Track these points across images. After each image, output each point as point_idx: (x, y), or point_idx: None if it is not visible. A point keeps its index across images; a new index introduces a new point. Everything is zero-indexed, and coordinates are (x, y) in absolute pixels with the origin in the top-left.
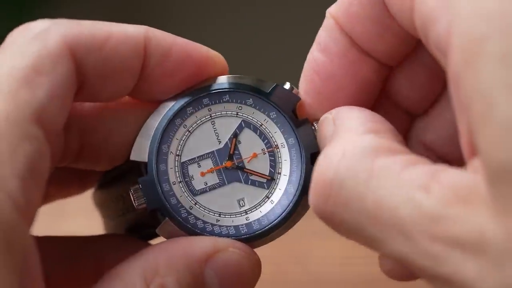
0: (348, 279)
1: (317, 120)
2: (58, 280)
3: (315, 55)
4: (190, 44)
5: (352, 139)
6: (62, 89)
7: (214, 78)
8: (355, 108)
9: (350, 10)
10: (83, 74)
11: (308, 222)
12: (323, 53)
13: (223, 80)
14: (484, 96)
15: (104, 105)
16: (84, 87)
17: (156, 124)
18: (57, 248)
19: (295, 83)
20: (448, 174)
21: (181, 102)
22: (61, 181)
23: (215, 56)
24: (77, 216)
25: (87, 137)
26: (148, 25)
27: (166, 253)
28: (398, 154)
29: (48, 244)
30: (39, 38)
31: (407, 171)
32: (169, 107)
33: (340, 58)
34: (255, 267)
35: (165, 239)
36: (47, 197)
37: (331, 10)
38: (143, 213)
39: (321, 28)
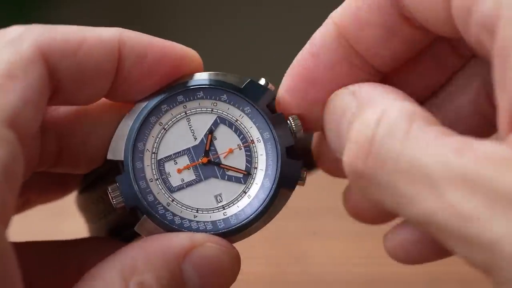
0: (348, 279)
1: (292, 114)
2: (40, 285)
3: (305, 57)
4: (165, 43)
5: (390, 103)
6: (35, 93)
7: (189, 75)
8: (377, 83)
9: (358, 15)
10: (57, 78)
11: (308, 222)
12: (314, 58)
13: (197, 77)
14: None
15: (80, 108)
16: (59, 92)
17: (131, 123)
18: (37, 254)
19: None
20: (483, 143)
21: (156, 100)
22: (41, 186)
23: (191, 53)
24: (76, 216)
25: (64, 140)
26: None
27: (143, 250)
28: (433, 123)
29: (28, 249)
30: (12, 44)
31: (442, 138)
32: (144, 106)
33: (329, 68)
34: (234, 261)
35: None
36: (27, 203)
37: (335, 16)
38: (123, 213)
39: (318, 30)
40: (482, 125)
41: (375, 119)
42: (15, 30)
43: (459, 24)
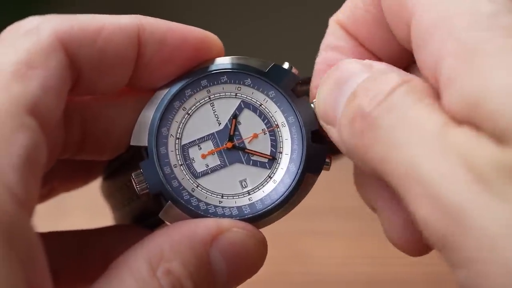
0: (349, 279)
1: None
2: (66, 275)
3: (325, 55)
4: (185, 28)
5: (411, 76)
6: (55, 81)
7: (211, 60)
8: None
9: (356, 14)
10: (78, 66)
11: (308, 222)
12: (334, 51)
13: (220, 61)
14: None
15: (103, 95)
16: (81, 80)
17: (154, 109)
18: (63, 243)
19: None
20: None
21: (179, 85)
22: (64, 174)
23: (211, 37)
24: (76, 213)
25: (88, 127)
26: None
27: (170, 237)
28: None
29: (54, 239)
30: (31, 33)
31: (438, 111)
32: (167, 91)
33: (352, 53)
34: (261, 246)
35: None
36: (52, 191)
37: (334, 18)
38: (147, 200)
39: (326, 35)
40: None
41: (398, 80)
42: (32, 21)
43: (414, 52)
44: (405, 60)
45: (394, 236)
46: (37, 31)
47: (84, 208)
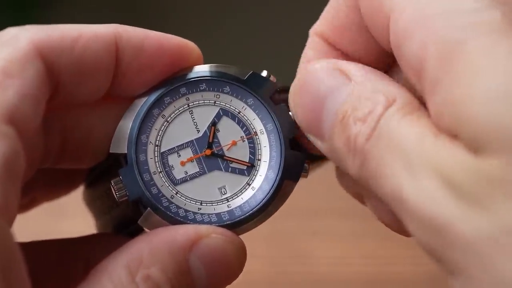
0: (348, 279)
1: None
2: (48, 284)
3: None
4: (163, 35)
5: (395, 90)
6: (32, 90)
7: (190, 68)
8: (364, 66)
9: (335, 22)
10: (56, 75)
11: (308, 222)
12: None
13: (199, 69)
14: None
15: (83, 105)
16: (59, 89)
17: (134, 116)
18: (44, 253)
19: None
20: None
21: (158, 92)
22: (46, 183)
23: (189, 45)
24: (76, 216)
25: (68, 136)
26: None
27: (149, 243)
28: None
29: (33, 249)
30: (8, 43)
31: (427, 128)
32: (146, 99)
33: None
34: (240, 252)
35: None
36: (33, 201)
37: (314, 30)
38: (127, 207)
39: (306, 48)
40: None
41: (385, 102)
42: (10, 31)
43: (395, 54)
44: (388, 62)
45: (386, 221)
46: (14, 40)
47: (84, 210)
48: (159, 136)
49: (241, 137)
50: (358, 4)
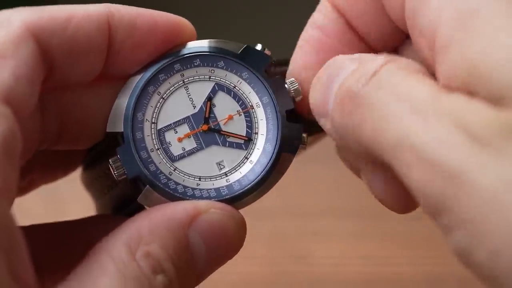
0: (348, 279)
1: (289, 79)
2: (49, 266)
3: (310, 32)
4: (155, 12)
5: (398, 57)
6: (27, 70)
7: (183, 44)
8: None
9: None
10: (50, 55)
11: (308, 222)
12: (320, 31)
13: (193, 45)
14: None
15: (78, 85)
16: (54, 70)
17: (129, 94)
18: (45, 235)
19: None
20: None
21: (153, 69)
22: (44, 165)
23: (182, 21)
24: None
25: (64, 116)
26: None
27: (148, 220)
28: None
29: (36, 232)
30: (1, 25)
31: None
32: (141, 76)
33: (337, 36)
34: (240, 226)
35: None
36: (32, 183)
37: None
38: (125, 185)
39: (315, 11)
40: None
41: (384, 60)
42: (2, 14)
43: (408, 25)
44: (395, 40)
45: (380, 195)
46: (7, 22)
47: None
48: (155, 113)
49: (237, 111)
50: None
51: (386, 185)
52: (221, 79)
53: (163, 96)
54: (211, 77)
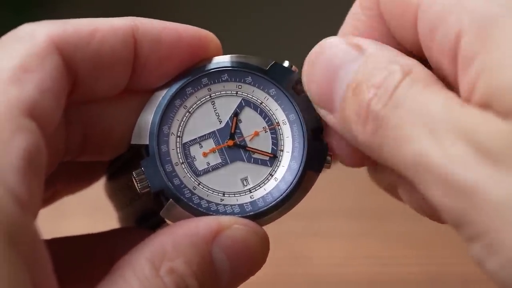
0: (348, 279)
1: None
2: (72, 280)
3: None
4: (181, 26)
5: (412, 62)
6: (51, 84)
7: (210, 59)
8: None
9: (355, 34)
10: (74, 69)
11: (309, 223)
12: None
13: (220, 60)
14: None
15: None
16: (78, 84)
17: (156, 107)
18: (67, 249)
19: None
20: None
21: (180, 83)
22: (68, 176)
23: (208, 35)
24: (78, 215)
25: (89, 129)
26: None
27: (171, 236)
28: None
29: (58, 245)
30: (25, 39)
31: (450, 96)
32: (168, 89)
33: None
34: (263, 242)
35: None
36: (55, 194)
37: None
38: (148, 198)
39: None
40: None
41: (402, 73)
42: (27, 27)
43: (423, 46)
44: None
45: (420, 207)
46: (32, 36)
47: (85, 209)
48: (181, 127)
49: (263, 127)
50: (376, 12)
51: (423, 199)
52: (248, 95)
53: (189, 110)
54: (238, 93)
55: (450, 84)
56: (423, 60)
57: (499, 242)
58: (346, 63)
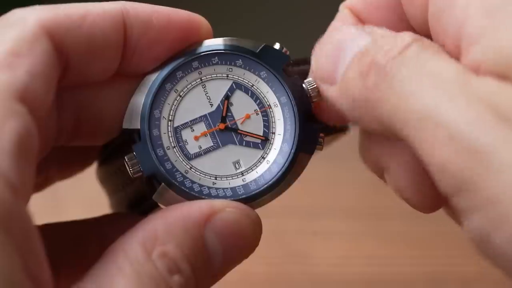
0: (348, 279)
1: (307, 79)
2: (64, 266)
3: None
4: (171, 10)
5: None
6: (42, 68)
7: (200, 42)
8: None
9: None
10: (65, 53)
11: (308, 222)
12: None
13: (210, 43)
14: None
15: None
16: (70, 68)
17: (146, 91)
18: (59, 235)
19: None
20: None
21: (170, 66)
22: (60, 161)
23: (198, 19)
24: (75, 210)
25: (81, 113)
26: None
27: (164, 220)
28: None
29: (50, 231)
30: (16, 24)
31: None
32: (158, 73)
33: None
34: (255, 225)
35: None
36: (47, 180)
37: (346, 4)
38: (141, 183)
39: (335, 19)
40: None
41: (412, 37)
42: (17, 12)
43: (431, 25)
44: None
45: (405, 193)
46: (22, 21)
47: (83, 206)
48: (172, 110)
49: (254, 110)
50: None
51: (410, 184)
52: (239, 78)
53: (180, 94)
54: (229, 76)
55: None
56: None
57: (509, 211)
58: (356, 38)
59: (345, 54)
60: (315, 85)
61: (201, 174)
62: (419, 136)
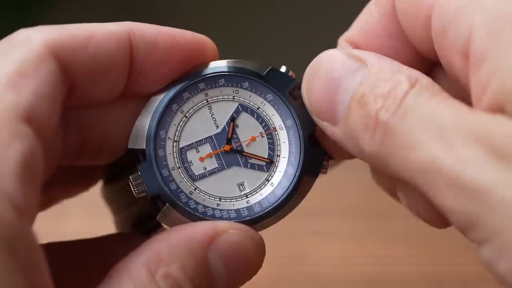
0: (348, 279)
1: None
2: (69, 285)
3: None
4: (176, 31)
5: (416, 73)
6: (48, 89)
7: (206, 63)
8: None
9: (365, 29)
10: (70, 74)
11: (308, 222)
12: None
13: (217, 64)
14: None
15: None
16: (75, 89)
17: (152, 111)
18: (63, 254)
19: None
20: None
21: (177, 87)
22: (65, 180)
23: (204, 40)
24: (76, 216)
25: (86, 133)
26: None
27: (167, 241)
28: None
29: (54, 250)
30: (21, 45)
31: (457, 102)
32: (165, 94)
33: None
34: (259, 247)
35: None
36: (52, 199)
37: (344, 37)
38: (145, 203)
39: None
40: None
41: (409, 83)
42: (23, 32)
43: (435, 42)
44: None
45: (419, 213)
46: (28, 41)
47: (85, 211)
48: (177, 131)
49: (260, 133)
50: (390, 9)
51: (422, 204)
52: (245, 100)
53: (186, 115)
54: (235, 98)
55: (461, 83)
56: (432, 62)
57: (511, 242)
58: (348, 75)
59: (341, 95)
60: None
61: (205, 195)
62: (425, 185)
